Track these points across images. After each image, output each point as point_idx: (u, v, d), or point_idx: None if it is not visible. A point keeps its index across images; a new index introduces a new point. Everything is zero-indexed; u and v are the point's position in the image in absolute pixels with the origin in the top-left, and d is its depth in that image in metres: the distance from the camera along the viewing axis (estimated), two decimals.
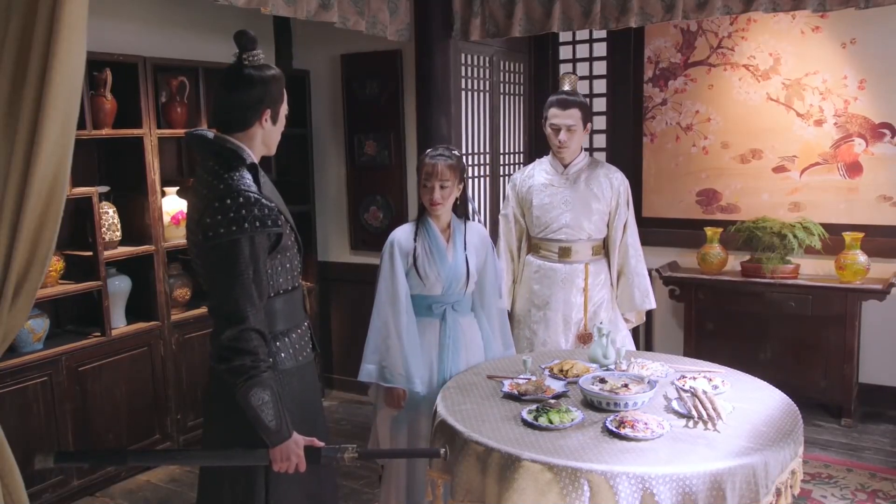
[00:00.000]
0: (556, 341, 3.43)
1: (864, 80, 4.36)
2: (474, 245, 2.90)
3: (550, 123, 3.35)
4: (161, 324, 3.92)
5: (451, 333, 2.87)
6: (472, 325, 2.98)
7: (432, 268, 2.82)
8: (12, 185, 1.91)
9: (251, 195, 1.98)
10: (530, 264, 3.52)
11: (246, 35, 2.04)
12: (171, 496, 3.63)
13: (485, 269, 2.97)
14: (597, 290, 3.42)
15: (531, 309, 3.49)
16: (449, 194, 2.79)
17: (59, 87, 1.82)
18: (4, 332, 2.08)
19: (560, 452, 2.11)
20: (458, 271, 2.84)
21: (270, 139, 2.17)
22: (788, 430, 2.27)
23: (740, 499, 2.05)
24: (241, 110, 2.07)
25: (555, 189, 3.42)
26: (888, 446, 4.03)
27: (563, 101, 3.32)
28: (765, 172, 4.69)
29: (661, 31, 4.86)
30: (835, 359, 4.28)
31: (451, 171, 2.77)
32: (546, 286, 3.44)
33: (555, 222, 3.40)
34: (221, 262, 1.96)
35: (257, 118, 2.09)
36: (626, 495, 1.99)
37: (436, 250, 2.83)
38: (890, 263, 4.33)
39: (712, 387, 2.53)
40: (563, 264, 3.42)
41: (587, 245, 3.42)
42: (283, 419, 1.98)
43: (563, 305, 3.42)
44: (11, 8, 1.80)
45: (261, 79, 2.05)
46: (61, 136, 1.90)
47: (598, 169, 3.45)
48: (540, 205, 3.44)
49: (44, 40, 1.78)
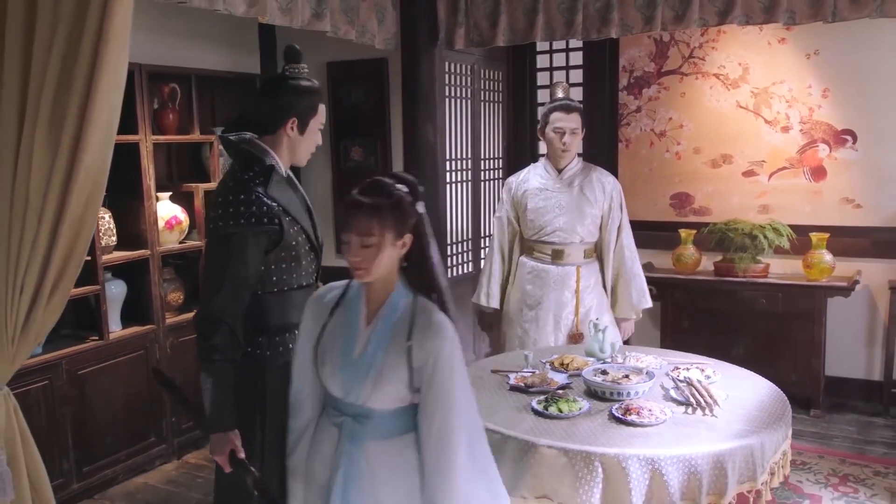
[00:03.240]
0: (545, 340, 3.57)
1: (828, 88, 4.61)
2: (421, 344, 1.77)
3: (555, 127, 3.49)
4: (156, 327, 3.96)
5: (346, 457, 1.84)
6: (392, 453, 1.84)
7: (331, 356, 1.87)
8: (54, 190, 1.99)
9: (252, 194, 2.11)
10: (524, 265, 3.65)
11: (292, 49, 2.22)
12: (170, 497, 3.68)
13: (433, 397, 1.77)
14: (587, 293, 3.56)
15: (523, 308, 3.62)
16: (374, 256, 1.76)
17: (103, 97, 1.91)
18: (39, 329, 2.17)
19: (573, 438, 2.25)
20: (363, 371, 1.82)
21: (298, 148, 2.29)
22: (779, 415, 2.45)
23: (739, 477, 2.22)
24: (268, 114, 2.21)
25: (549, 193, 3.56)
26: (854, 434, 4.26)
27: (567, 106, 3.49)
28: (735, 176, 4.92)
29: (636, 41, 5.06)
30: (803, 353, 4.52)
31: (380, 220, 1.75)
32: (539, 287, 3.57)
33: (548, 225, 3.54)
34: (215, 252, 2.13)
35: (282, 125, 2.21)
36: (637, 476, 2.14)
37: (346, 331, 1.87)
38: (853, 262, 4.58)
39: (705, 377, 2.71)
40: (556, 266, 3.56)
41: (579, 248, 3.56)
42: (223, 411, 2.07)
43: (555, 306, 3.55)
44: (58, 16, 1.87)
45: (292, 88, 2.19)
46: (103, 144, 1.99)
47: (592, 173, 3.60)
48: (534, 208, 3.57)
49: (91, 50, 1.87)
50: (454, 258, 5.04)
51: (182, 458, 4.09)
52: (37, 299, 2.11)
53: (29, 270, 2.06)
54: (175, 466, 4.01)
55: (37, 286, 2.09)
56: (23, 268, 2.06)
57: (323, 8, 3.81)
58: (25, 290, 2.08)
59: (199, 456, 4.13)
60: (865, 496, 3.47)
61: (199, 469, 3.97)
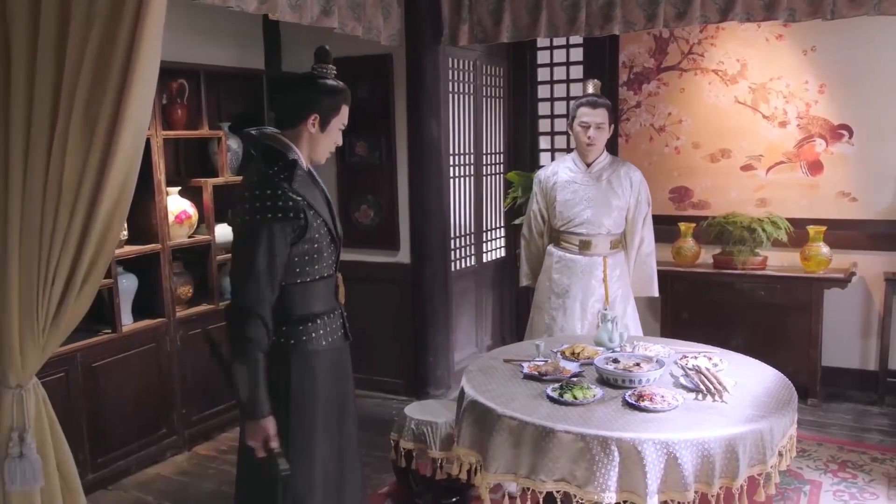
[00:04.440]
0: (572, 328, 3.68)
1: (824, 84, 4.70)
2: None
3: (581, 122, 3.60)
4: (167, 321, 4.01)
5: None
6: None
7: None
8: (87, 184, 2.05)
9: (278, 189, 2.18)
10: (552, 255, 3.77)
11: (323, 49, 2.32)
12: (184, 487, 3.73)
13: None
14: (613, 283, 3.69)
15: (551, 297, 3.74)
16: None
17: (137, 94, 1.97)
18: (69, 320, 2.22)
19: (589, 424, 2.32)
20: None
21: (318, 145, 2.36)
22: (786, 400, 2.53)
23: (750, 460, 2.30)
24: (292, 109, 2.29)
25: (578, 186, 3.68)
26: (851, 422, 4.37)
27: (593, 102, 3.59)
28: (733, 171, 5.00)
29: (635, 37, 5.14)
30: (801, 344, 4.61)
31: None
32: (566, 276, 3.69)
33: (577, 217, 3.66)
34: (244, 245, 2.19)
35: (303, 120, 2.29)
36: (653, 459, 2.21)
37: None
38: (850, 254, 4.68)
39: (712, 364, 2.78)
40: (583, 256, 3.68)
41: (606, 239, 3.69)
42: (257, 399, 2.14)
43: (582, 294, 3.68)
44: (93, 15, 1.92)
45: (318, 86, 2.28)
46: (135, 139, 2.04)
47: (620, 168, 3.72)
48: (563, 200, 3.69)
49: (126, 47, 1.92)
50: (458, 252, 5.10)
51: (192, 450, 4.14)
52: (68, 291, 2.15)
53: (61, 262, 2.11)
54: (186, 458, 4.06)
55: (68, 277, 2.14)
56: (55, 260, 2.10)
57: (331, 5, 3.87)
58: (57, 282, 2.13)
59: (209, 448, 4.19)
60: (864, 481, 3.57)
61: (209, 460, 4.03)
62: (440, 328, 4.83)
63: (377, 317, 4.88)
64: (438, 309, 4.81)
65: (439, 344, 4.84)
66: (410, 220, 4.78)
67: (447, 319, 4.88)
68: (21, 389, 2.24)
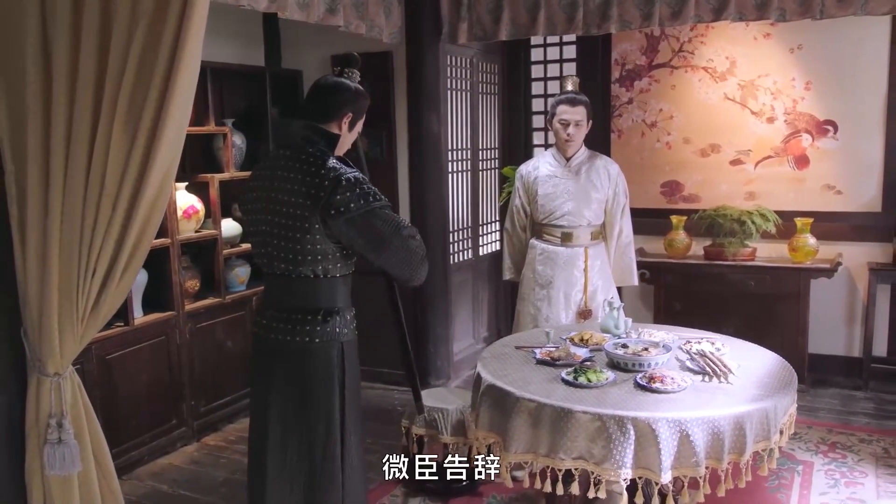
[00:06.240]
0: (557, 317, 3.79)
1: (810, 81, 4.87)
2: None
3: (560, 119, 3.71)
4: (176, 314, 4.08)
5: None
6: None
7: None
8: (129, 179, 2.12)
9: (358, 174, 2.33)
10: (534, 247, 3.87)
11: (352, 55, 2.46)
12: (196, 476, 3.81)
13: None
14: (594, 273, 3.79)
15: (535, 288, 3.84)
16: None
17: (180, 90, 2.04)
18: (108, 309, 2.30)
19: (605, 404, 2.45)
20: None
21: (342, 143, 2.47)
22: (787, 381, 2.68)
23: (755, 436, 2.44)
24: (332, 107, 2.39)
25: (558, 180, 3.78)
26: (838, 406, 4.54)
27: (572, 99, 3.69)
28: (723, 165, 5.16)
29: (628, 35, 5.27)
30: (789, 332, 4.78)
31: None
32: (549, 267, 3.80)
33: (558, 210, 3.77)
34: (384, 218, 2.33)
35: (340, 116, 2.40)
36: (666, 436, 2.34)
37: None
38: (835, 245, 4.86)
39: (715, 349, 2.92)
40: (565, 248, 3.79)
41: (587, 230, 3.80)
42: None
43: (565, 285, 3.78)
44: (138, 13, 2.00)
45: (354, 88, 2.42)
46: (177, 134, 2.12)
47: (597, 161, 3.83)
48: (544, 194, 3.80)
49: (171, 45, 2.00)
50: (455, 245, 5.21)
51: (201, 441, 4.22)
52: (108, 281, 2.23)
53: (102, 254, 2.18)
54: (196, 448, 4.14)
55: (108, 268, 2.21)
56: (96, 251, 2.18)
57: (336, 4, 3.97)
58: (97, 273, 2.20)
59: (217, 438, 4.27)
60: (853, 461, 3.74)
61: (219, 450, 4.11)
62: (440, 320, 4.94)
63: (378, 309, 4.95)
64: (438, 301, 4.91)
65: (439, 335, 4.94)
66: (411, 214, 4.88)
67: (447, 311, 4.99)
68: (59, 377, 2.30)
